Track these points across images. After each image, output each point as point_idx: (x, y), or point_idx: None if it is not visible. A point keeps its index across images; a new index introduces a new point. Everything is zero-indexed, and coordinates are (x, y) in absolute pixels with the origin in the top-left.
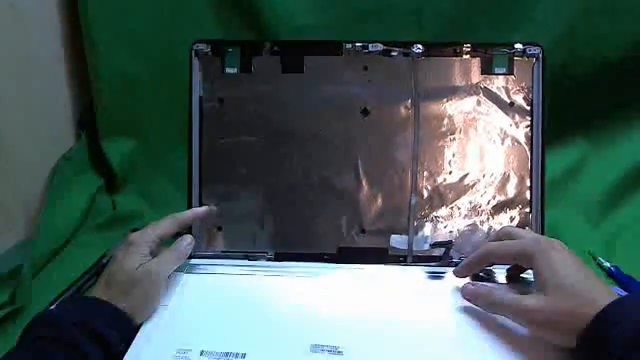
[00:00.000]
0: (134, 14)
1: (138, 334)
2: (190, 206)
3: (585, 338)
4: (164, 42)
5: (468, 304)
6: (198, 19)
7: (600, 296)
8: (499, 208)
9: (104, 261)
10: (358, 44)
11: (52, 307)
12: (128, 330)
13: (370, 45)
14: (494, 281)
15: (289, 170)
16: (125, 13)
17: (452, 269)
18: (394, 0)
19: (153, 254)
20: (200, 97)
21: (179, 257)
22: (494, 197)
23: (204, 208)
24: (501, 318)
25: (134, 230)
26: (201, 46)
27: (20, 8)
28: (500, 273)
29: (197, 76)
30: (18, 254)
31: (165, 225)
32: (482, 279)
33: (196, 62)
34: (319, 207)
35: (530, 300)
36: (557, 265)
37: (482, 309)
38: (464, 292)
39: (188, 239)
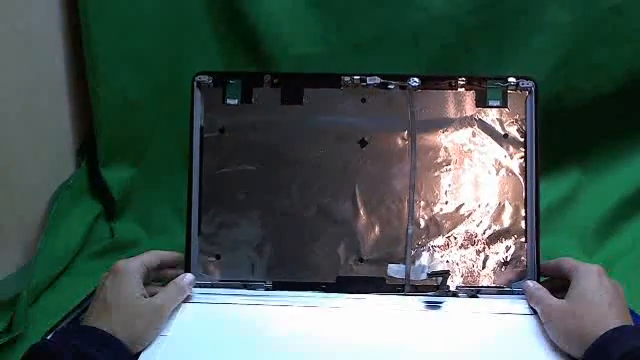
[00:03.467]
0: (136, 36)
1: None
2: (189, 235)
3: (586, 357)
4: (165, 66)
5: (465, 333)
6: (200, 44)
7: (614, 321)
8: (495, 237)
9: None
10: (356, 77)
11: (49, 336)
12: None
13: (368, 78)
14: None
15: (288, 199)
16: (127, 36)
17: (449, 299)
18: (392, 28)
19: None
20: (201, 127)
21: (182, 293)
22: (490, 227)
23: (182, 256)
24: (499, 348)
25: None
26: (203, 77)
27: (25, 33)
28: None
29: (199, 107)
30: (16, 282)
31: (148, 256)
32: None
33: (198, 93)
34: (317, 236)
35: (554, 300)
36: (590, 283)
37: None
38: (524, 285)
39: (190, 277)
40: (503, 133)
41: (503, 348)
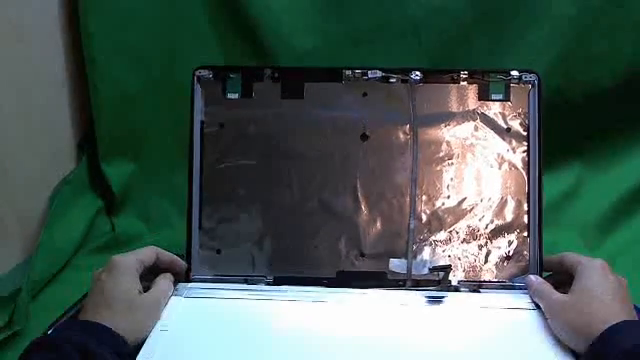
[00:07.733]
0: (134, 30)
1: (137, 359)
2: (190, 229)
3: (590, 351)
4: (164, 60)
5: (467, 328)
6: (198, 37)
7: (618, 316)
8: (497, 232)
9: None
10: (357, 71)
11: (50, 331)
12: (126, 353)
13: (369, 72)
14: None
15: (288, 194)
16: (125, 29)
17: (451, 293)
18: (392, 21)
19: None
20: (201, 121)
21: (170, 287)
22: (492, 221)
23: (183, 263)
24: (502, 343)
25: None
26: (203, 72)
27: (22, 27)
28: None
29: (199, 101)
30: (17, 277)
31: (146, 252)
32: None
33: (198, 87)
34: (318, 231)
35: (557, 295)
36: (594, 277)
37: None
38: (527, 279)
39: (169, 276)
40: (506, 127)
41: (506, 343)
